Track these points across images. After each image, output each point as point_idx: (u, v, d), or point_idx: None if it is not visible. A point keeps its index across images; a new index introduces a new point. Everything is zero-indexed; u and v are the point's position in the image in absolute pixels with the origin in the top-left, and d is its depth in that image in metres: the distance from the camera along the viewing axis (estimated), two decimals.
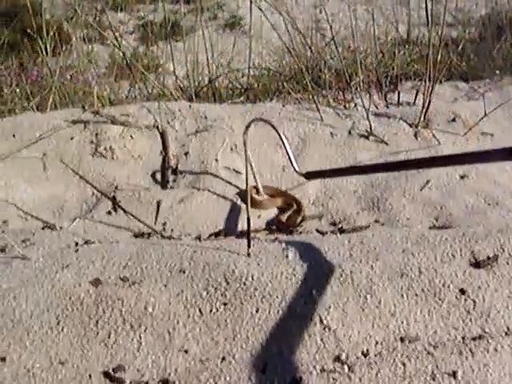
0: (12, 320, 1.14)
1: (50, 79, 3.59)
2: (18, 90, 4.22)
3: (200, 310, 1.14)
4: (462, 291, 1.23)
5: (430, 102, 2.53)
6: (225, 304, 1.15)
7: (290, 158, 1.60)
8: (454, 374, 1.03)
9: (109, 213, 1.90)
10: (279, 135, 1.66)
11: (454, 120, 2.54)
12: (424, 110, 2.51)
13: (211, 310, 1.14)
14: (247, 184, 1.49)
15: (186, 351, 1.08)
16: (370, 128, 2.38)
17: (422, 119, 2.49)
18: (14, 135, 2.30)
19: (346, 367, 1.04)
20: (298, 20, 4.73)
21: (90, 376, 1.04)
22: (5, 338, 1.11)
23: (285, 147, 1.64)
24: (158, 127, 2.35)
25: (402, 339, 1.12)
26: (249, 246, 1.30)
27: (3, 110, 3.55)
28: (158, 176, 2.15)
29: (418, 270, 1.27)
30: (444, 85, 3.71)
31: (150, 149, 2.26)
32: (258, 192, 1.96)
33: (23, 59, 5.56)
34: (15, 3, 6.94)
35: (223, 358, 1.06)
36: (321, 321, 1.13)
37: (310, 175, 1.56)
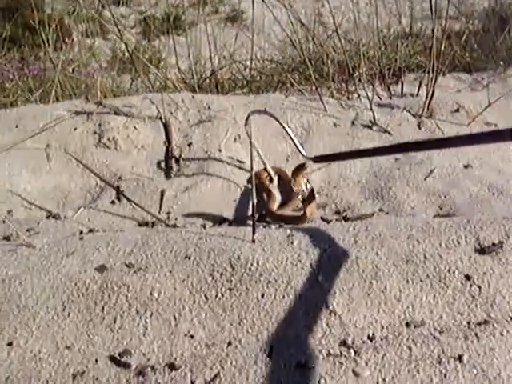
0: (18, 306, 1.15)
1: (53, 72, 3.59)
2: (20, 83, 4.22)
3: (205, 296, 1.14)
4: (468, 277, 1.22)
5: (433, 92, 2.53)
6: (230, 289, 1.15)
7: (295, 144, 1.59)
8: (459, 358, 1.03)
9: (113, 202, 1.91)
10: (281, 124, 1.65)
11: (457, 110, 2.53)
12: (427, 100, 2.51)
13: (217, 296, 1.15)
14: (252, 170, 1.48)
15: (192, 336, 1.08)
16: (374, 118, 2.37)
17: (425, 109, 2.49)
18: (17, 126, 2.30)
19: (352, 351, 1.04)
20: (300, 13, 4.71)
21: (96, 360, 1.05)
22: (11, 323, 1.11)
23: (288, 134, 1.63)
24: (161, 118, 2.34)
25: (407, 324, 1.12)
26: (254, 233, 1.30)
27: (6, 102, 3.55)
28: (162, 166, 2.15)
29: (424, 257, 1.27)
30: (447, 76, 3.70)
31: (154, 139, 2.26)
32: (269, 178, 1.95)
33: (24, 53, 5.56)
34: None
35: (229, 343, 1.07)
36: (326, 306, 1.13)
37: (317, 159, 1.55)
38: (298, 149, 1.58)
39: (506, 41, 4.05)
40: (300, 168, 1.68)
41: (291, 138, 1.61)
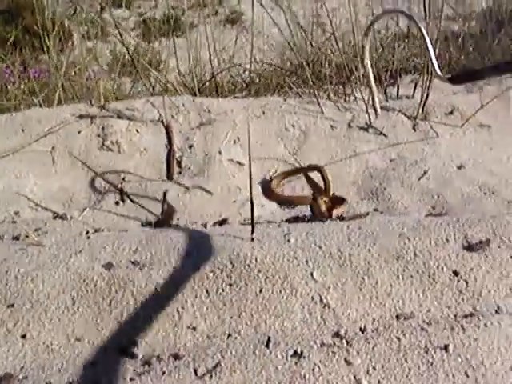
0: (30, 301, 1.22)
1: (55, 75, 3.66)
2: (22, 86, 4.29)
3: (207, 291, 1.21)
4: (455, 273, 1.29)
5: (428, 94, 2.59)
6: (230, 285, 1.22)
7: (432, 60, 1.50)
8: (445, 348, 1.10)
9: (117, 203, 1.97)
10: (420, 29, 1.57)
11: (451, 112, 2.60)
12: (422, 103, 2.57)
13: (217, 291, 1.22)
14: (250, 171, 1.53)
15: (195, 328, 1.15)
16: (370, 121, 2.44)
17: (420, 112, 2.55)
18: (23, 130, 2.37)
19: (344, 342, 1.11)
20: (299, 15, 4.77)
21: (105, 351, 1.12)
22: (24, 317, 1.18)
23: (427, 47, 1.54)
24: (162, 121, 2.41)
25: (397, 317, 1.19)
26: (252, 232, 1.37)
27: (9, 106, 3.61)
28: (164, 168, 2.21)
29: (414, 253, 1.34)
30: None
31: (155, 142, 2.32)
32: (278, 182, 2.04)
33: (25, 56, 5.62)
34: (17, 1, 7.00)
35: (229, 335, 1.14)
36: (321, 300, 1.20)
37: (454, 80, 1.49)
38: (433, 66, 1.49)
39: (501, 42, 4.11)
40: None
41: (429, 52, 1.50)
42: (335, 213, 1.75)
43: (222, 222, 1.75)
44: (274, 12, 3.90)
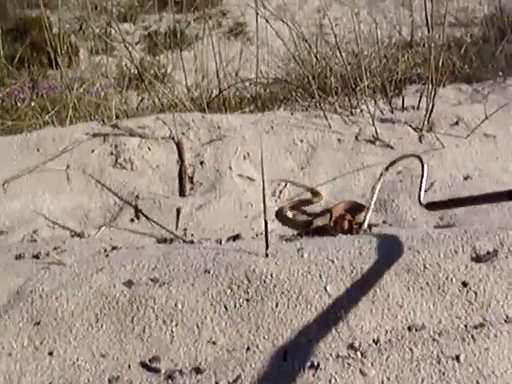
0: (55, 318, 1.27)
1: (67, 93, 3.73)
2: (32, 104, 4.37)
3: (225, 306, 1.26)
4: (464, 284, 1.33)
5: (433, 105, 2.64)
6: (247, 300, 1.27)
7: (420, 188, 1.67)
8: (457, 358, 1.14)
9: (132, 220, 2.03)
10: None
11: (456, 123, 2.64)
12: (427, 114, 2.62)
13: (235, 306, 1.26)
14: (263, 187, 1.58)
15: (214, 342, 1.20)
16: (376, 133, 2.49)
17: (425, 123, 2.60)
18: (38, 149, 2.43)
19: (358, 353, 1.15)
20: (302, 26, 4.83)
21: (129, 366, 1.16)
22: (50, 335, 1.24)
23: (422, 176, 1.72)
24: (173, 138, 2.47)
25: (409, 328, 1.23)
26: (267, 247, 1.42)
27: (22, 126, 3.69)
28: (176, 184, 2.27)
29: (423, 266, 1.38)
30: (447, 88, 3.81)
31: (167, 159, 2.38)
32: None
33: (33, 73, 5.72)
34: (25, 18, 7.12)
35: (248, 348, 1.18)
36: (335, 313, 1.25)
37: (430, 207, 1.67)
38: (419, 194, 1.66)
39: (504, 50, 4.14)
40: None
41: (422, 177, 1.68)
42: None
43: (236, 238, 1.80)
44: (277, 23, 3.96)
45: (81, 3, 7.29)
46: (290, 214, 2.05)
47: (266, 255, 1.40)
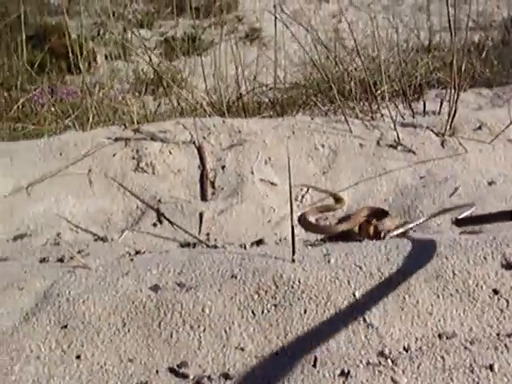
0: (83, 322, 1.27)
1: (87, 97, 3.76)
2: (52, 109, 4.42)
3: (253, 312, 1.25)
4: (495, 291, 1.31)
5: (455, 110, 2.61)
6: (275, 306, 1.26)
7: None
8: (491, 367, 1.12)
9: (154, 225, 2.03)
10: None
11: (479, 128, 2.61)
12: (450, 119, 2.59)
13: (263, 312, 1.25)
14: (291, 192, 1.58)
15: (243, 349, 1.19)
16: (398, 138, 2.47)
17: (448, 128, 2.57)
18: (60, 153, 2.45)
19: (389, 361, 1.14)
20: (319, 31, 4.83)
21: (156, 371, 1.16)
22: (78, 338, 1.24)
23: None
24: (194, 142, 2.47)
25: (439, 336, 1.21)
26: (293, 253, 1.41)
27: (43, 130, 3.73)
28: (197, 189, 2.27)
29: (452, 273, 1.36)
30: (468, 92, 3.78)
31: (188, 163, 2.38)
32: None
33: (51, 79, 5.80)
34: (44, 25, 7.23)
35: (277, 354, 1.17)
36: (364, 319, 1.23)
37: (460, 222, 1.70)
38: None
39: None
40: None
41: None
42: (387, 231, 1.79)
43: (259, 243, 1.79)
44: (293, 27, 3.95)
45: (99, 10, 7.38)
46: (312, 220, 2.04)
47: (293, 260, 1.39)
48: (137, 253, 1.73)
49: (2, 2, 7.01)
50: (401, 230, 1.82)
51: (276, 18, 4.26)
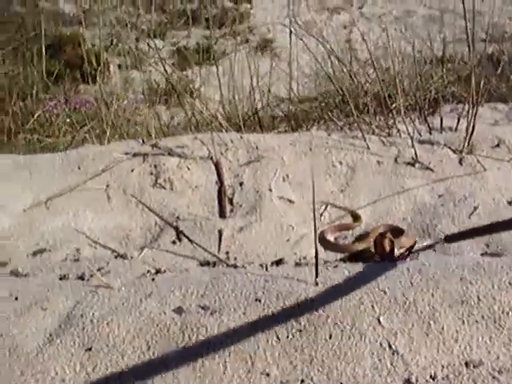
0: (107, 345, 1.27)
1: (102, 108, 3.79)
2: (67, 120, 4.46)
3: (277, 336, 1.25)
4: None
5: (473, 127, 2.60)
6: (300, 330, 1.26)
7: None
8: None
9: (173, 242, 2.03)
10: None
11: (498, 145, 2.60)
12: (468, 136, 2.58)
13: (288, 336, 1.25)
14: (314, 211, 1.58)
15: (268, 374, 1.18)
16: (416, 155, 2.46)
17: (465, 145, 2.56)
18: (79, 167, 2.46)
19: None
20: (330, 42, 4.84)
21: None
22: (102, 362, 1.24)
23: None
24: (211, 158, 2.48)
25: (466, 364, 1.20)
26: (317, 276, 1.40)
27: (58, 142, 3.75)
28: (215, 205, 2.27)
29: (477, 298, 1.35)
30: (484, 107, 3.76)
31: (206, 179, 2.39)
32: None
33: (65, 88, 5.86)
34: (60, 35, 7.32)
35: (302, 381, 1.16)
36: (389, 345, 1.22)
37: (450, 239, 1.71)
38: None
39: None
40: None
41: None
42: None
43: (279, 262, 1.79)
44: (305, 38, 3.95)
45: (113, 21, 7.45)
46: (331, 238, 2.03)
47: (316, 284, 1.38)
48: (157, 271, 1.73)
49: (19, 13, 7.10)
50: (415, 249, 1.81)
51: (291, 31, 4.28)
